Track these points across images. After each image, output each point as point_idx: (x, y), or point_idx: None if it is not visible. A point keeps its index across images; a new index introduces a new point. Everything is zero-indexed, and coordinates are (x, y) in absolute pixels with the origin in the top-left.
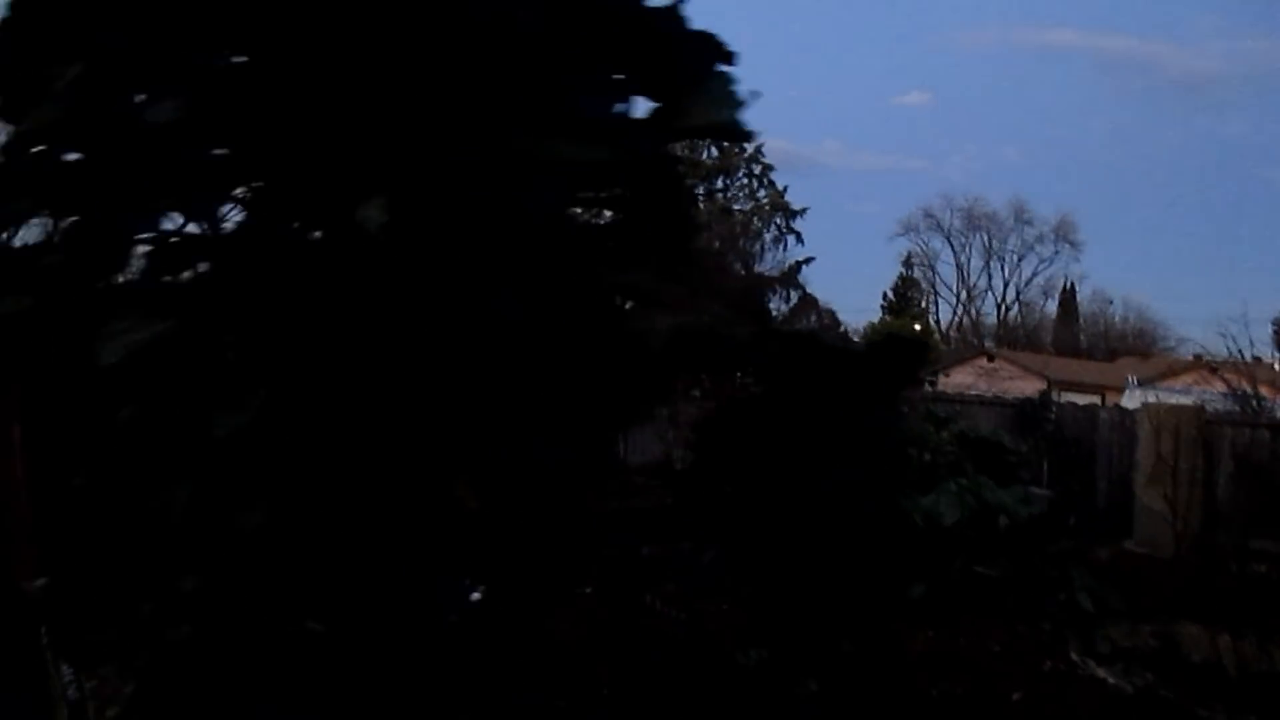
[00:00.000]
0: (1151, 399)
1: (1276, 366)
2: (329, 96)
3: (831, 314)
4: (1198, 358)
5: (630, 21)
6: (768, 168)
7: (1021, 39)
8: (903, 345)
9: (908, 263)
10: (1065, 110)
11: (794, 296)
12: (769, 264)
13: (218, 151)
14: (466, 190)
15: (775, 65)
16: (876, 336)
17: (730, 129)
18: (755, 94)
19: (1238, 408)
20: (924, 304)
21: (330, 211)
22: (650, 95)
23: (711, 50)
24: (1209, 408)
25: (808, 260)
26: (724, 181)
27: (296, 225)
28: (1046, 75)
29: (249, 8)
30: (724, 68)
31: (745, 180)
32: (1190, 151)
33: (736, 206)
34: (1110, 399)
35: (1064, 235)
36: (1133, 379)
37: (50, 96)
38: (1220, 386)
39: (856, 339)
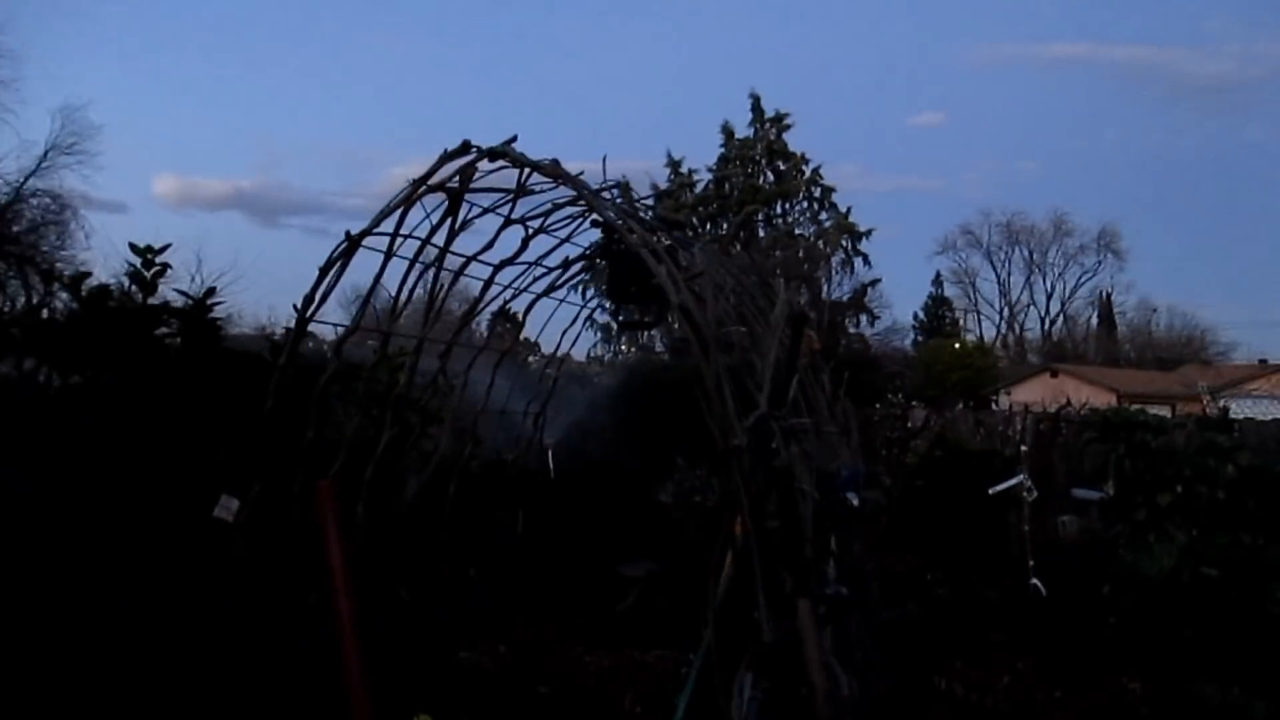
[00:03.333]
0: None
1: None
2: None
3: (862, 338)
4: (1263, 363)
5: None
6: (828, 190)
7: (1033, 54)
8: None
9: (938, 281)
10: (1081, 121)
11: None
12: (842, 288)
13: None
14: None
15: (788, 93)
16: (930, 357)
17: None
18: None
19: None
20: (962, 322)
21: None
22: None
23: None
24: None
25: (874, 282)
26: (784, 206)
27: None
28: (1060, 88)
29: None
30: None
31: (806, 204)
32: (1212, 155)
33: (799, 231)
34: (1182, 410)
35: (1107, 245)
36: (1204, 387)
37: None
38: None
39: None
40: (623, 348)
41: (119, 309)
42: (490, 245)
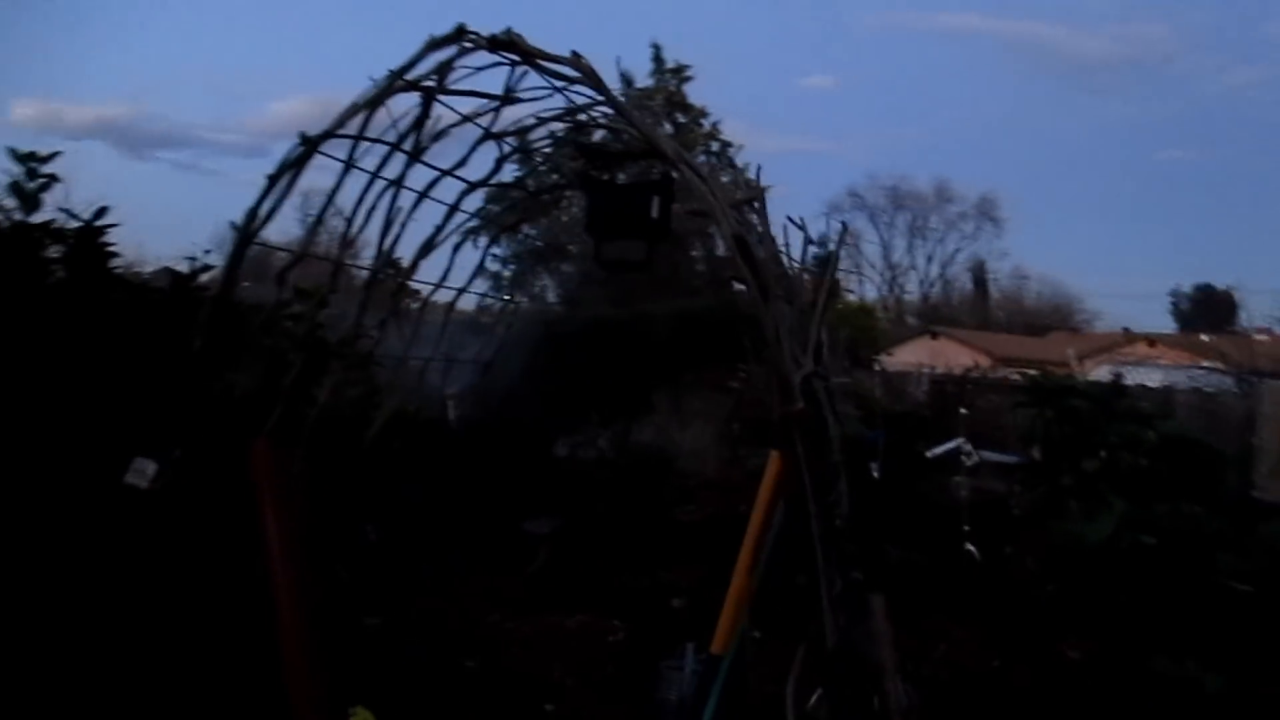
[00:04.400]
0: (1095, 371)
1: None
2: None
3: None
4: (1126, 331)
5: None
6: (727, 145)
7: (925, 23)
8: None
9: (822, 242)
10: (967, 92)
11: None
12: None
13: None
14: None
15: (676, 46)
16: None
17: None
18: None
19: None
20: (844, 283)
21: None
22: None
23: None
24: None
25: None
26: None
27: None
28: (950, 59)
29: None
30: None
31: (704, 159)
32: (1084, 131)
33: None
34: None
35: (986, 212)
36: (1073, 353)
37: None
38: (1171, 360)
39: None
40: (509, 297)
41: None
42: (464, 162)
